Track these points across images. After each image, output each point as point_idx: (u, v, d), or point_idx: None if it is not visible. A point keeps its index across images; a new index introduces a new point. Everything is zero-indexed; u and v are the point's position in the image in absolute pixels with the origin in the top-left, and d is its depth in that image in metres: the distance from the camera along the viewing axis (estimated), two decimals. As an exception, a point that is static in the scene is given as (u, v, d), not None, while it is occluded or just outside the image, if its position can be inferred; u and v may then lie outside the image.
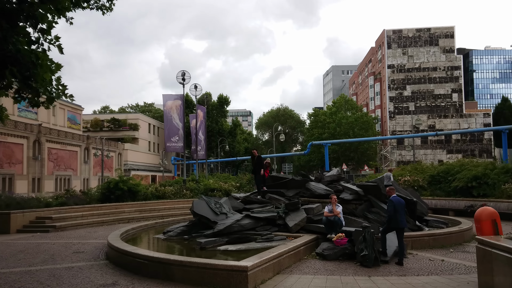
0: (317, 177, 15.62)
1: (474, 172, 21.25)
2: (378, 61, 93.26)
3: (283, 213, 12.77)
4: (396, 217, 9.43)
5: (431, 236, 11.93)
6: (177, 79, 28.42)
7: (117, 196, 22.41)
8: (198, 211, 12.31)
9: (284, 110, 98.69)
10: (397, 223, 9.44)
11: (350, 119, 70.72)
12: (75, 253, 12.01)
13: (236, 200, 14.10)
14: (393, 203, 9.48)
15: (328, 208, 11.23)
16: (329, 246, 10.39)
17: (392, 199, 9.57)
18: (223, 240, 11.18)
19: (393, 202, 9.49)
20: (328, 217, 11.03)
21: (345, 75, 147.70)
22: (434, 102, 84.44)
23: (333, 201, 11.11)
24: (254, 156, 15.77)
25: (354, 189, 14.04)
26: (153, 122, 68.10)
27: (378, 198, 13.74)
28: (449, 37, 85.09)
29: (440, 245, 11.96)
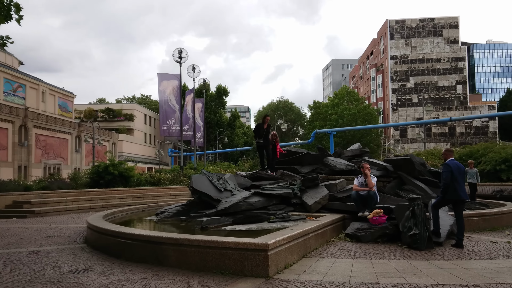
0: (336, 152, 13.50)
1: (503, 154, 19.20)
2: (380, 52, 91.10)
3: (299, 190, 10.66)
4: (454, 186, 7.33)
5: (481, 216, 9.84)
6: (173, 57, 26.23)
7: (107, 181, 20.27)
8: (198, 188, 10.17)
9: (284, 103, 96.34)
10: (455, 194, 7.33)
11: (353, 111, 68.48)
12: (49, 237, 9.88)
13: (242, 177, 11.97)
14: (450, 167, 7.37)
15: (359, 181, 9.11)
16: (363, 225, 8.29)
17: (449, 163, 7.46)
18: (229, 220, 9.05)
19: (450, 166, 7.38)
20: (358, 192, 8.92)
21: (345, 69, 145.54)
22: (438, 94, 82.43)
23: (366, 170, 8.99)
24: (264, 124, 13.16)
25: (382, 164, 11.95)
26: (149, 113, 65.79)
27: (411, 174, 11.65)
28: (453, 28, 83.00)
29: (491, 227, 9.91)
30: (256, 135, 13.33)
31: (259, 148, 13.59)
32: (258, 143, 13.34)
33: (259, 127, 13.35)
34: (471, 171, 15.48)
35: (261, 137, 13.13)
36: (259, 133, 13.17)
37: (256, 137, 13.38)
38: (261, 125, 13.26)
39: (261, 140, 13.12)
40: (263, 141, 13.11)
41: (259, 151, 13.63)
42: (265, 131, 12.97)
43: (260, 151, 13.63)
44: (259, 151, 13.78)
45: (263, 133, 13.13)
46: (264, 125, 13.08)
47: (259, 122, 13.57)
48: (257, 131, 13.23)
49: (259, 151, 13.78)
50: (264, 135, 12.98)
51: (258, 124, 13.50)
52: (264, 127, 13.18)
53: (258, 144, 13.43)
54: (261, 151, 13.54)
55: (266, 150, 13.03)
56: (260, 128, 13.12)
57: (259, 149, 13.63)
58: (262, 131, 13.16)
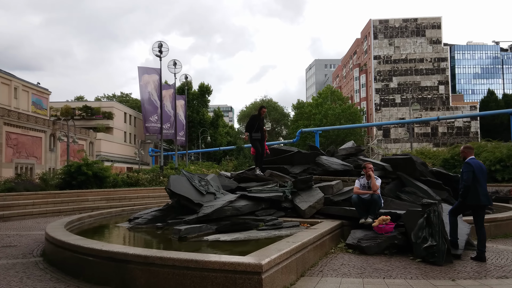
0: (329, 151, 12.41)
1: (498, 154, 18.47)
2: (363, 52, 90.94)
3: (290, 193, 9.53)
4: (476, 189, 6.30)
5: (493, 221, 8.88)
6: (153, 51, 24.80)
7: (80, 182, 18.78)
8: (177, 190, 8.93)
9: (268, 103, 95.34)
10: (477, 198, 6.31)
11: (337, 111, 67.98)
12: (3, 247, 8.52)
13: (227, 178, 10.76)
14: (471, 167, 6.33)
15: (360, 183, 8.02)
16: (367, 234, 7.19)
17: (470, 162, 6.43)
18: (212, 228, 7.85)
19: (472, 166, 6.35)
20: (360, 196, 7.83)
21: (328, 69, 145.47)
22: (421, 94, 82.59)
23: (369, 171, 7.90)
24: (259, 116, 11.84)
25: (380, 164, 10.90)
26: (130, 111, 63.85)
27: (411, 175, 10.64)
28: (436, 28, 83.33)
29: (503, 233, 8.98)
30: (250, 128, 11.77)
31: (254, 143, 11.83)
32: (255, 137, 11.72)
33: (255, 118, 11.88)
34: None
35: (257, 130, 11.74)
36: (254, 126, 11.76)
37: (250, 130, 11.77)
38: (257, 116, 11.85)
39: (258, 133, 11.76)
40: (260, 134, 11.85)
41: (255, 146, 11.82)
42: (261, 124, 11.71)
43: (256, 146, 11.83)
44: (255, 146, 11.89)
45: (259, 126, 11.82)
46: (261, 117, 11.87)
47: (254, 114, 12.17)
48: (252, 124, 11.76)
49: (255, 146, 11.89)
50: (260, 129, 11.69)
51: (254, 116, 12.00)
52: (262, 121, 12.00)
53: (254, 138, 11.76)
54: (257, 146, 11.80)
55: (261, 145, 11.70)
56: (256, 120, 11.72)
57: (255, 144, 11.84)
58: (258, 123, 11.79)
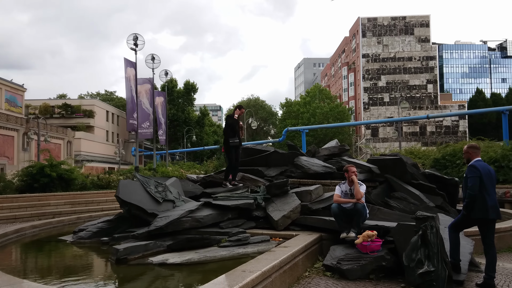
0: (310, 151, 11.10)
1: (492, 153, 17.37)
2: (352, 50, 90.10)
3: (263, 199, 8.22)
4: (484, 199, 5.05)
5: (496, 232, 7.62)
6: (127, 44, 23.29)
7: (43, 185, 17.22)
8: (127, 198, 7.54)
9: (255, 101, 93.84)
10: (484, 211, 5.06)
11: (325, 109, 67.02)
12: None
13: (191, 183, 9.39)
14: (478, 172, 5.08)
15: (342, 189, 6.72)
16: (349, 253, 5.89)
17: (477, 165, 5.17)
18: (163, 245, 6.49)
19: (479, 170, 5.09)
20: (341, 204, 6.53)
21: (317, 67, 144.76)
22: (409, 93, 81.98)
23: (352, 175, 6.60)
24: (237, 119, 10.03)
25: (366, 165, 9.64)
26: (112, 109, 61.94)
27: (401, 178, 9.39)
28: (424, 26, 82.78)
29: (507, 247, 7.78)
30: (230, 133, 9.67)
31: (230, 151, 9.63)
32: (232, 143, 9.58)
33: (234, 123, 9.82)
34: None
35: (235, 135, 9.68)
36: (235, 130, 9.75)
37: (229, 135, 9.66)
38: (235, 120, 9.85)
39: (236, 139, 9.68)
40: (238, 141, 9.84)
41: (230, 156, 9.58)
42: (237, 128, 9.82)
43: (231, 157, 9.60)
44: (230, 157, 9.63)
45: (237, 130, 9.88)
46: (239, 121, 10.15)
47: (230, 114, 10.31)
48: (231, 128, 9.69)
49: (230, 157, 9.63)
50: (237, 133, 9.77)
51: (233, 119, 9.86)
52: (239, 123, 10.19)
53: (234, 145, 9.61)
54: (231, 157, 9.59)
55: (237, 154, 9.68)
56: (236, 123, 9.79)
57: (231, 153, 9.63)
58: (237, 127, 9.91)
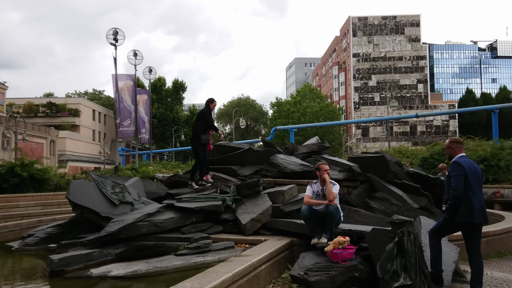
0: (288, 148, 10.42)
1: (481, 152, 16.85)
2: (343, 50, 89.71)
3: (233, 201, 7.53)
4: (470, 200, 4.40)
5: (484, 236, 7.00)
6: (107, 39, 22.45)
7: (13, 185, 16.35)
8: (78, 200, 6.80)
9: (246, 100, 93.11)
10: (469, 214, 4.41)
11: (315, 109, 66.59)
12: None
13: (155, 183, 8.66)
14: (463, 169, 4.43)
15: (313, 190, 6.05)
16: (318, 263, 5.21)
17: (461, 162, 4.51)
18: (111, 254, 5.76)
19: (464, 168, 4.44)
20: (312, 207, 5.86)
21: (308, 67, 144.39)
22: (400, 93, 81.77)
23: (324, 174, 5.94)
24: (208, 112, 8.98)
25: (346, 164, 8.98)
26: (99, 108, 60.84)
27: (384, 178, 8.77)
28: (415, 26, 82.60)
29: (496, 252, 7.17)
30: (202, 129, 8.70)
31: (198, 150, 8.62)
32: (205, 140, 8.65)
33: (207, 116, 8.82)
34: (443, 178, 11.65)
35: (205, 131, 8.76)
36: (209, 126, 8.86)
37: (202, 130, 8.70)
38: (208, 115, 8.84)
39: (207, 135, 8.77)
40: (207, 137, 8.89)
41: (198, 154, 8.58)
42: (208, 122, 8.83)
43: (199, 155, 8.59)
44: (198, 155, 8.60)
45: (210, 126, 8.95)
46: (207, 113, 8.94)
47: (203, 110, 8.96)
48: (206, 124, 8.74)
49: (198, 155, 8.60)
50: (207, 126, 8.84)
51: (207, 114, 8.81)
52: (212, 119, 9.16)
53: (205, 142, 8.69)
54: (200, 155, 8.59)
55: (205, 152, 8.72)
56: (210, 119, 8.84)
57: (199, 151, 8.62)
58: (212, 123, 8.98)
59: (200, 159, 8.48)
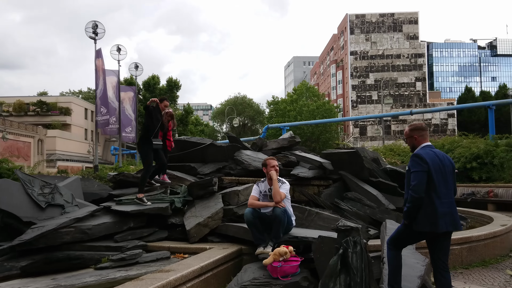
0: (256, 144, 9.50)
1: (474, 149, 15.93)
2: (340, 48, 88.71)
3: (183, 202, 6.62)
4: (433, 203, 3.50)
5: (466, 242, 6.12)
6: (86, 32, 21.52)
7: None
8: (-3, 201, 5.89)
9: (242, 99, 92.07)
10: (432, 221, 3.52)
11: (311, 107, 65.68)
12: None
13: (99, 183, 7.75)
14: (426, 164, 3.55)
15: (260, 189, 5.16)
16: (256, 278, 4.30)
17: (422, 155, 3.61)
18: (16, 267, 4.85)
19: (426, 162, 3.55)
20: (256, 209, 4.95)
21: (307, 66, 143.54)
22: (398, 91, 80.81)
23: (270, 170, 5.05)
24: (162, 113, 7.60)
25: (317, 160, 8.07)
26: (92, 107, 59.75)
27: (358, 176, 7.86)
28: (413, 23, 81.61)
29: (480, 260, 6.24)
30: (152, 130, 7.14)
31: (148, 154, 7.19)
32: (156, 145, 7.16)
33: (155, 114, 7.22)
34: None
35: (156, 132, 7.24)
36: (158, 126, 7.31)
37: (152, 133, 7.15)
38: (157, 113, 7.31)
39: (159, 140, 7.33)
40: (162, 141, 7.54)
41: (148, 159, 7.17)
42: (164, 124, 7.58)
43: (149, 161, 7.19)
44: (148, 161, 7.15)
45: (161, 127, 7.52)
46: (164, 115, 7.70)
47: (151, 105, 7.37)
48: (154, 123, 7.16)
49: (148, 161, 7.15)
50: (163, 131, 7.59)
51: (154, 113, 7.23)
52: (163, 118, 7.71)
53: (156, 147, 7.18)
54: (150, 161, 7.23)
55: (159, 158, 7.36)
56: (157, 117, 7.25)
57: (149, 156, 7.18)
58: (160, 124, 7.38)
59: (150, 165, 7.17)
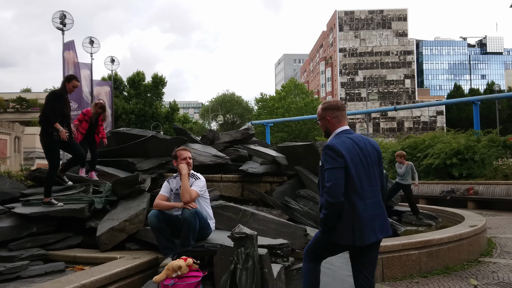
0: (207, 137, 8.59)
1: (455, 145, 15.20)
2: (329, 45, 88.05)
3: (105, 203, 5.71)
4: (353, 208, 2.65)
5: (424, 247, 5.31)
6: (53, 23, 20.46)
7: None
8: None
9: (231, 96, 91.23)
10: (351, 232, 2.66)
11: (299, 104, 65.00)
12: None
13: (11, 180, 6.83)
14: (341, 158, 2.70)
15: (171, 186, 4.29)
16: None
17: (336, 146, 2.76)
18: None
19: (342, 154, 2.70)
20: (164, 212, 4.08)
21: (297, 63, 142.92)
22: (387, 89, 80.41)
23: (181, 163, 4.19)
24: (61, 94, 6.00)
25: (270, 154, 7.21)
26: (75, 104, 58.59)
27: (315, 171, 7.02)
28: (402, 20, 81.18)
29: (442, 266, 5.44)
30: (51, 120, 5.70)
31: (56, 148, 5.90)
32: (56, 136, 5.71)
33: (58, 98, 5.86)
34: (402, 168, 8.92)
35: (63, 121, 5.86)
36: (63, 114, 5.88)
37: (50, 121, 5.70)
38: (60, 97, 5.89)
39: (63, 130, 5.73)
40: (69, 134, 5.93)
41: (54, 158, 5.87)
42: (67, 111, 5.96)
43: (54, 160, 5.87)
44: (54, 156, 5.88)
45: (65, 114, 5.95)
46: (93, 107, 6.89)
47: (55, 90, 6.45)
48: (58, 110, 5.76)
49: (54, 156, 5.88)
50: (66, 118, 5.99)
51: (56, 96, 5.92)
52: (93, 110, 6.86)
53: (58, 140, 5.75)
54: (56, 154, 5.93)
55: (74, 145, 6.18)
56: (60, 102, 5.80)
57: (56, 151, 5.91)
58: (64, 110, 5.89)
59: (55, 163, 5.87)
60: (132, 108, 58.21)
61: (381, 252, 4.89)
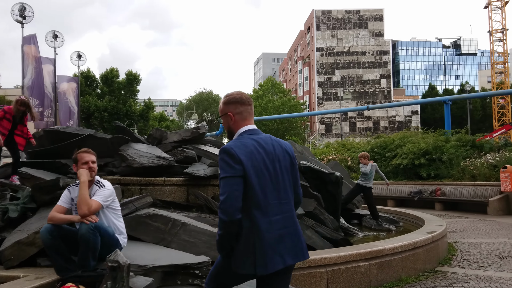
0: (153, 136, 7.94)
1: (423, 145, 14.97)
2: (307, 44, 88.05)
3: (21, 211, 5.05)
4: (253, 227, 2.11)
5: (375, 257, 4.83)
6: (12, 15, 19.38)
7: None
8: None
9: (208, 95, 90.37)
10: (256, 257, 2.12)
11: (276, 103, 64.71)
12: None
13: None
14: (239, 165, 2.16)
15: (73, 196, 3.67)
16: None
17: (234, 150, 2.21)
18: None
19: (241, 160, 2.17)
20: (60, 226, 3.46)
21: (276, 62, 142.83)
22: (363, 88, 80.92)
23: (82, 167, 3.59)
24: None
25: (212, 153, 6.63)
26: (45, 101, 56.72)
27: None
28: (378, 20, 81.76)
29: (395, 278, 4.99)
30: None
31: None
32: None
33: None
34: (365, 169, 8.35)
35: None
36: None
37: None
38: None
39: None
40: None
41: None
42: None
43: None
44: None
45: None
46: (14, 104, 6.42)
47: None
48: None
49: None
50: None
51: None
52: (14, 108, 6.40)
53: None
54: None
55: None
56: None
57: None
58: None
59: None
60: (105, 105, 56.84)
61: (325, 264, 4.43)
